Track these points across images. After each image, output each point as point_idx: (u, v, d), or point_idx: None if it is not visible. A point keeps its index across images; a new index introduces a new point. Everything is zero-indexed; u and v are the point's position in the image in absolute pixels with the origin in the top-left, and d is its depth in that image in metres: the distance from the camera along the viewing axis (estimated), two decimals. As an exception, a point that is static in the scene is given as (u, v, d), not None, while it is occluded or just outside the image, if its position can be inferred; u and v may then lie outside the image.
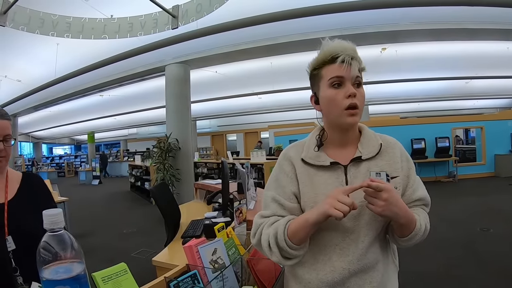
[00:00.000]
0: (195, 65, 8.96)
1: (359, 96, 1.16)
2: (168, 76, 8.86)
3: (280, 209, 1.23)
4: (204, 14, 4.38)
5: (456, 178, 11.61)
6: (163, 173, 8.19)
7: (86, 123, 20.07)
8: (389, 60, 9.84)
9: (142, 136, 25.58)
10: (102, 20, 5.01)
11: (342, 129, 1.23)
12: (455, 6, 5.46)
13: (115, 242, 6.31)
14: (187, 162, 8.76)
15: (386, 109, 19.51)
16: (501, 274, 4.03)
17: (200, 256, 1.43)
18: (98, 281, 1.08)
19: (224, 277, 1.43)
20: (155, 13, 4.94)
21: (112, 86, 11.05)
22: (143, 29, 4.96)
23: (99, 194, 13.77)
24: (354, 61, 1.15)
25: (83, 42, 5.30)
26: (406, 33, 7.47)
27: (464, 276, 4.09)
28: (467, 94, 16.49)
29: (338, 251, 1.16)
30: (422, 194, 1.26)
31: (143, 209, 9.57)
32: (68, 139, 32.05)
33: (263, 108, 17.08)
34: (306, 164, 1.24)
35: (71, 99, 12.73)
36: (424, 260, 4.65)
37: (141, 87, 11.29)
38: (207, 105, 15.44)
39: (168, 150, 8.35)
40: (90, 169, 18.77)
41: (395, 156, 1.24)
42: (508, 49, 9.38)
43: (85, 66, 7.95)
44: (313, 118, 1.34)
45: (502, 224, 6.09)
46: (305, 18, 5.56)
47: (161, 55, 8.17)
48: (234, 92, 13.36)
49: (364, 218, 1.15)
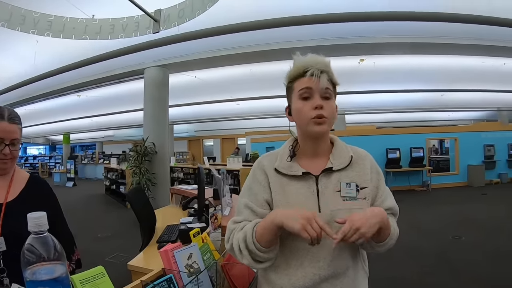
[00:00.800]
0: (175, 69, 8.91)
1: (327, 107, 1.21)
2: (147, 79, 8.77)
3: (252, 215, 1.26)
4: (186, 20, 4.39)
5: (430, 188, 11.89)
6: (139, 177, 8.08)
7: (62, 123, 19.55)
8: (367, 71, 9.94)
9: (118, 139, 25.13)
10: (83, 21, 4.96)
11: (313, 139, 1.28)
12: (431, 21, 5.60)
13: (89, 246, 6.20)
14: (163, 166, 8.66)
15: (362, 119, 19.72)
16: (472, 281, 4.17)
17: (175, 261, 1.45)
18: (76, 283, 1.10)
19: (199, 281, 1.46)
20: (137, 16, 4.91)
21: (90, 87, 10.83)
22: (124, 31, 4.93)
23: (73, 196, 13.51)
24: (323, 74, 1.20)
25: (63, 41, 5.22)
26: (384, 45, 7.60)
27: (436, 283, 4.21)
28: (442, 106, 16.77)
29: (309, 256, 1.19)
30: (391, 204, 1.32)
31: (118, 212, 9.47)
32: (43, 139, 31.30)
33: (241, 114, 17.03)
34: (279, 174, 1.28)
35: (48, 98, 12.42)
36: (397, 267, 4.75)
37: (120, 89, 11.12)
38: (185, 110, 15.29)
39: (145, 154, 8.24)
40: (65, 171, 18.40)
41: (365, 168, 1.30)
42: (483, 64, 9.61)
43: (64, 65, 7.78)
44: (291, 126, 1.39)
45: (473, 232, 6.30)
46: (284, 28, 5.63)
47: (140, 58, 8.10)
48: (213, 98, 13.30)
49: (334, 225, 1.17)
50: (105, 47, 6.77)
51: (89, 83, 10.18)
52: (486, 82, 11.84)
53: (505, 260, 4.79)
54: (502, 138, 13.38)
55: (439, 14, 5.39)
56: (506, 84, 12.24)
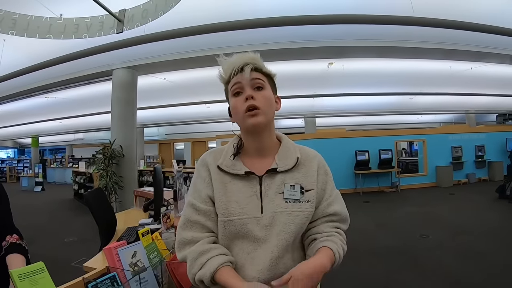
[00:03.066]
0: (143, 71, 8.82)
1: (260, 98, 1.21)
2: (114, 81, 8.62)
3: (194, 214, 1.24)
4: (149, 20, 4.36)
5: (399, 188, 12.08)
6: (105, 180, 7.94)
7: (30, 125, 19.07)
8: (336, 75, 10.10)
9: (88, 142, 24.63)
10: (48, 19, 4.87)
11: (253, 135, 1.27)
12: (398, 25, 5.70)
13: (56, 251, 6.07)
14: (130, 169, 8.52)
15: (332, 122, 20.05)
16: (439, 279, 4.27)
17: (119, 259, 1.44)
18: (15, 277, 1.08)
19: (144, 280, 1.44)
20: (101, 16, 4.86)
21: (59, 88, 10.56)
22: (89, 31, 4.86)
23: (41, 201, 13.14)
24: (247, 66, 1.21)
25: (30, 40, 5.12)
26: (352, 49, 7.73)
27: (403, 281, 4.29)
28: (411, 109, 17.16)
29: (250, 260, 1.18)
30: (338, 209, 1.29)
31: (85, 217, 9.24)
32: (11, 142, 30.49)
33: (211, 117, 16.99)
34: (221, 171, 1.26)
35: (16, 99, 12.08)
36: (364, 265, 4.83)
37: (88, 90, 10.92)
38: (155, 112, 15.20)
39: (112, 156, 8.10)
40: (33, 175, 17.89)
41: (312, 170, 1.28)
42: (450, 68, 9.90)
43: (31, 65, 7.60)
44: (236, 131, 1.39)
45: (440, 230, 6.46)
46: (254, 29, 5.65)
47: (108, 59, 7.98)
48: (183, 100, 13.24)
49: (275, 229, 1.17)
50: (73, 47, 6.65)
51: (57, 84, 9.95)
52: (454, 85, 12.21)
53: (470, 258, 4.93)
54: (469, 140, 13.75)
55: (404, 17, 5.51)
56: (473, 87, 12.65)
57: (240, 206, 1.20)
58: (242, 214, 1.19)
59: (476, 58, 8.67)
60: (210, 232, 1.24)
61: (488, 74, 10.60)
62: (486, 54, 8.29)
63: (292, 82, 10.33)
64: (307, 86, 11.49)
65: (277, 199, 1.20)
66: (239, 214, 1.19)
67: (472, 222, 7.09)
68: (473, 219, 7.31)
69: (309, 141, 11.99)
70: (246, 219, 1.18)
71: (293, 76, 9.77)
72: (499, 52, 8.12)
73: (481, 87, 12.78)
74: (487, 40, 7.24)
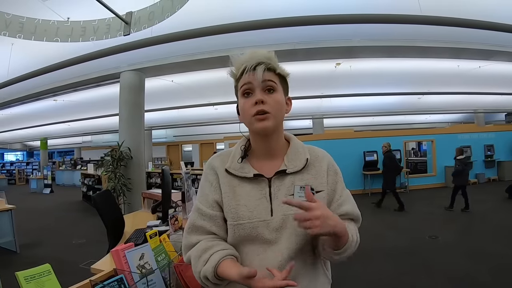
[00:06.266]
0: (151, 73, 8.84)
1: (270, 101, 1.17)
2: (122, 83, 8.66)
3: (199, 219, 1.24)
4: (156, 22, 4.35)
5: (408, 189, 12.01)
6: (114, 182, 7.96)
7: (39, 128, 19.26)
8: (344, 75, 10.04)
9: (96, 144, 24.82)
10: (55, 23, 4.88)
11: (261, 137, 1.24)
12: (405, 24, 5.65)
13: (63, 253, 6.10)
14: (139, 171, 8.55)
15: (340, 122, 19.97)
16: (448, 281, 4.22)
17: (127, 261, 1.43)
18: (21, 280, 1.08)
19: (151, 282, 1.43)
20: (108, 18, 4.87)
21: (67, 91, 10.63)
22: (96, 34, 4.86)
23: (49, 203, 13.23)
24: (260, 66, 1.17)
25: (38, 44, 5.15)
26: (359, 49, 7.67)
27: (412, 282, 4.26)
28: (419, 109, 17.00)
29: (258, 262, 1.16)
30: (349, 209, 1.26)
31: (94, 219, 9.27)
32: (20, 145, 30.78)
33: (219, 119, 16.99)
34: (229, 175, 1.24)
35: (25, 103, 12.17)
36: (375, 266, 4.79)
37: (96, 93, 10.98)
38: (163, 115, 15.22)
39: (120, 159, 8.13)
40: (42, 177, 18.01)
41: (321, 170, 1.25)
42: (459, 67, 9.79)
43: (39, 68, 7.64)
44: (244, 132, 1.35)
45: (449, 232, 6.40)
46: (260, 30, 5.63)
47: (116, 62, 8.02)
48: (191, 102, 13.24)
49: (285, 231, 1.16)
50: (80, 50, 6.69)
51: (65, 87, 10.01)
52: (462, 84, 12.08)
53: (479, 260, 4.88)
54: (478, 139, 13.66)
55: (412, 16, 5.45)
56: (482, 86, 12.51)
57: (249, 210, 1.18)
58: (252, 217, 1.17)
59: (485, 56, 8.57)
60: (214, 235, 1.23)
61: (496, 73, 10.48)
62: (494, 53, 8.19)
63: (299, 83, 10.28)
64: (314, 86, 11.42)
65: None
66: (248, 217, 1.17)
67: (481, 222, 7.02)
68: (483, 220, 7.24)
69: (317, 142, 11.95)
70: (256, 222, 1.16)
71: (300, 76, 9.72)
72: (508, 50, 8.01)
73: (490, 86, 12.62)
74: (495, 38, 7.19)
